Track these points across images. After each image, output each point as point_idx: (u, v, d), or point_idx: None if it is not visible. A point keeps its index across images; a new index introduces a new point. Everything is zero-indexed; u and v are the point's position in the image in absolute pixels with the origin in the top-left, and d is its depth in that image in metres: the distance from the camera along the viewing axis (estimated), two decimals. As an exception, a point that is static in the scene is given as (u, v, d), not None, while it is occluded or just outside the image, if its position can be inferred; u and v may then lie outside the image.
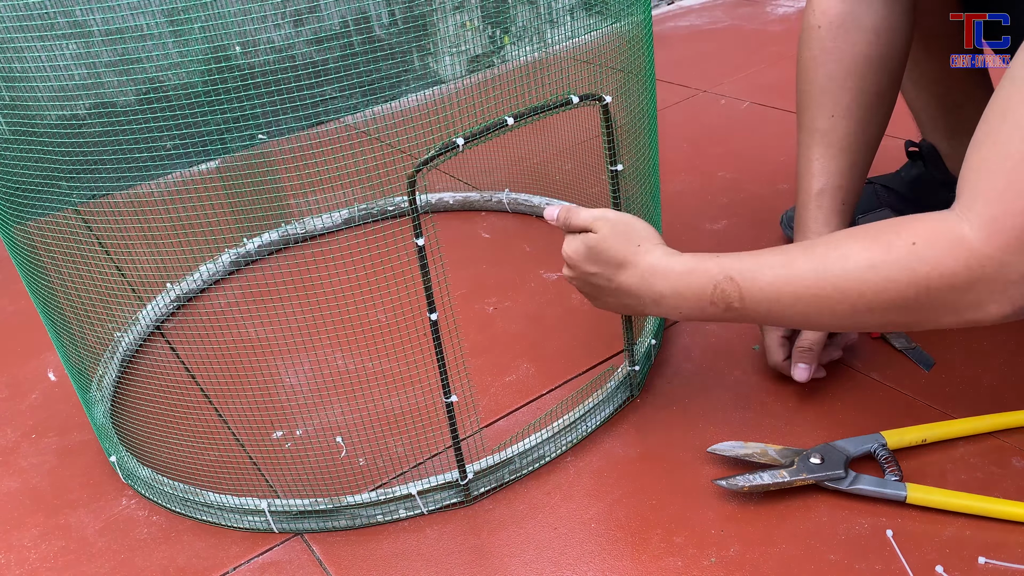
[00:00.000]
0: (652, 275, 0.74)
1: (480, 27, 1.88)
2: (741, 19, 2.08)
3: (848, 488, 0.73)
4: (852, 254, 0.64)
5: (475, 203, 1.34)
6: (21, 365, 1.11)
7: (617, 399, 0.88)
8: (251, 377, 0.90)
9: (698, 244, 1.15)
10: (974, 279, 0.59)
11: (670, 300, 0.74)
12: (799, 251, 0.68)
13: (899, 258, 0.62)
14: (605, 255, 0.76)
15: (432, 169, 0.68)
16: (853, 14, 0.84)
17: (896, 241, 0.62)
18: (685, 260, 0.73)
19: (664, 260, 0.74)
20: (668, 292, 0.74)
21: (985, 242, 0.58)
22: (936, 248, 0.60)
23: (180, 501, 0.82)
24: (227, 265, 1.22)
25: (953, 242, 0.59)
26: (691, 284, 0.72)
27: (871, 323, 0.66)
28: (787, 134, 1.43)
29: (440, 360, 0.73)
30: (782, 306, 0.68)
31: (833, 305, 0.65)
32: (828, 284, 0.65)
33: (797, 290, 0.67)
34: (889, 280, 0.62)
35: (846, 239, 0.66)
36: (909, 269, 0.61)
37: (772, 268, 0.68)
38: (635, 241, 0.76)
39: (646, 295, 0.75)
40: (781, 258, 0.68)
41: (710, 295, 0.71)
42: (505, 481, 0.80)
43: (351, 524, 0.78)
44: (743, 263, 0.70)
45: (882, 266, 0.62)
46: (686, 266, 0.73)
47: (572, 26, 1.98)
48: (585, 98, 0.75)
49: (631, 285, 0.75)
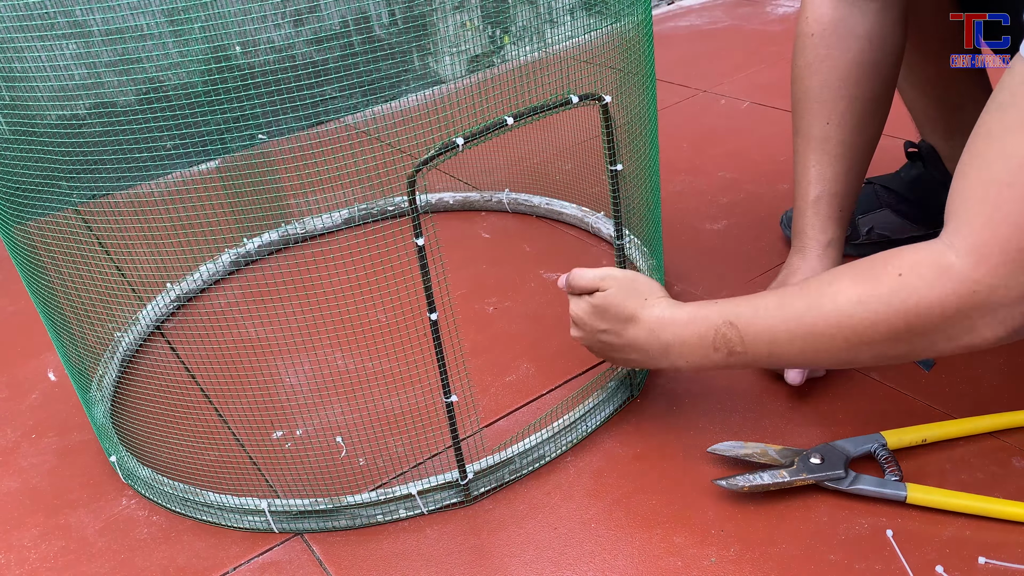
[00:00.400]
0: (659, 327, 0.75)
1: (480, 27, 1.88)
2: (741, 19, 2.08)
3: (848, 488, 0.73)
4: (842, 291, 0.65)
5: (475, 203, 1.34)
6: (21, 365, 1.11)
7: (617, 399, 0.88)
8: (251, 377, 0.90)
9: (698, 244, 1.15)
10: (964, 306, 0.59)
11: (676, 349, 0.75)
12: (794, 292, 0.69)
13: (887, 291, 0.63)
14: (613, 311, 0.77)
15: (432, 169, 0.68)
16: (846, 21, 0.85)
17: (883, 275, 0.63)
18: (688, 309, 0.75)
19: (669, 311, 0.76)
20: (674, 342, 0.75)
21: (973, 268, 0.58)
22: (923, 278, 0.61)
23: (180, 501, 0.82)
24: (227, 265, 1.22)
25: (940, 271, 0.60)
26: (694, 332, 0.74)
27: (868, 357, 0.66)
28: (787, 134, 1.43)
29: (440, 360, 0.73)
30: (780, 346, 0.69)
31: (828, 342, 0.66)
32: (821, 322, 0.66)
33: (793, 330, 0.68)
34: (879, 313, 0.63)
35: (837, 276, 0.67)
36: (898, 301, 0.62)
37: (768, 310, 0.70)
38: (642, 295, 0.77)
39: (654, 347, 0.76)
40: (776, 300, 0.70)
41: (712, 341, 0.72)
42: (505, 481, 0.80)
43: (351, 524, 0.78)
44: (740, 308, 0.72)
45: (870, 300, 0.63)
46: (689, 315, 0.74)
47: (572, 26, 1.98)
48: (585, 98, 0.75)
49: (639, 339, 0.77)
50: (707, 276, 1.08)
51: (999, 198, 0.58)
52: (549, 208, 1.28)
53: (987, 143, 0.60)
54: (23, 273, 0.85)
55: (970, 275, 0.59)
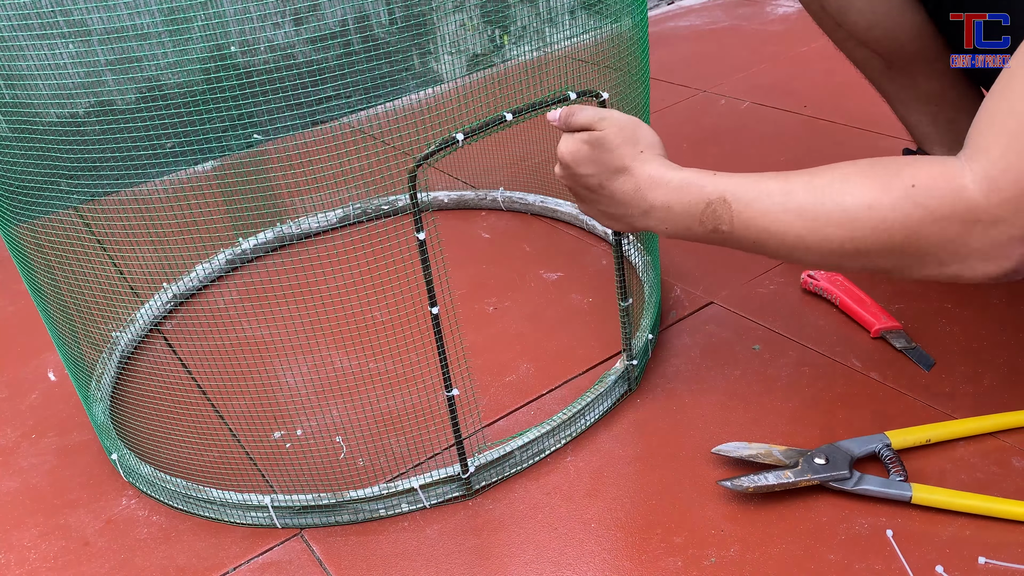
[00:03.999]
0: (648, 186, 0.70)
1: (480, 27, 1.88)
2: (741, 19, 2.08)
3: (853, 488, 0.73)
4: (851, 191, 0.62)
5: (469, 201, 1.34)
6: (21, 365, 1.10)
7: (615, 393, 0.88)
8: (250, 377, 0.90)
9: (698, 244, 1.15)
10: (967, 232, 0.58)
11: (659, 213, 0.70)
12: (801, 182, 0.65)
13: (896, 200, 0.60)
14: (605, 157, 0.71)
15: (431, 165, 0.68)
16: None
17: (895, 182, 0.60)
18: (683, 174, 0.70)
19: (661, 171, 0.70)
20: (658, 204, 0.70)
21: (984, 196, 0.57)
22: (934, 194, 0.59)
23: (182, 498, 0.82)
24: (224, 264, 1.22)
25: (953, 191, 0.58)
26: (682, 199, 0.69)
27: (855, 264, 0.64)
28: (787, 134, 1.43)
29: (441, 354, 0.73)
30: (770, 236, 0.66)
31: (821, 242, 0.63)
32: (823, 219, 0.63)
33: (790, 222, 0.64)
34: (884, 221, 0.61)
35: (849, 175, 0.63)
36: (904, 212, 0.60)
37: (771, 196, 0.65)
38: (638, 147, 0.71)
39: (636, 205, 0.71)
40: (782, 186, 0.65)
41: (700, 213, 0.68)
42: (506, 475, 0.80)
43: (354, 519, 0.78)
44: (742, 186, 0.67)
45: (879, 205, 0.61)
46: (683, 180, 0.69)
47: (573, 26, 1.98)
48: (583, 94, 0.75)
49: (623, 193, 0.71)
50: (706, 276, 1.08)
51: (1019, 131, 0.56)
52: (544, 206, 1.28)
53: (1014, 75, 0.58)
54: (23, 272, 0.85)
55: (979, 202, 0.57)
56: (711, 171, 0.70)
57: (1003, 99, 0.59)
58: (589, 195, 0.74)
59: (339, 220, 1.31)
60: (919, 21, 0.93)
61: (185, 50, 0.96)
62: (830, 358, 0.91)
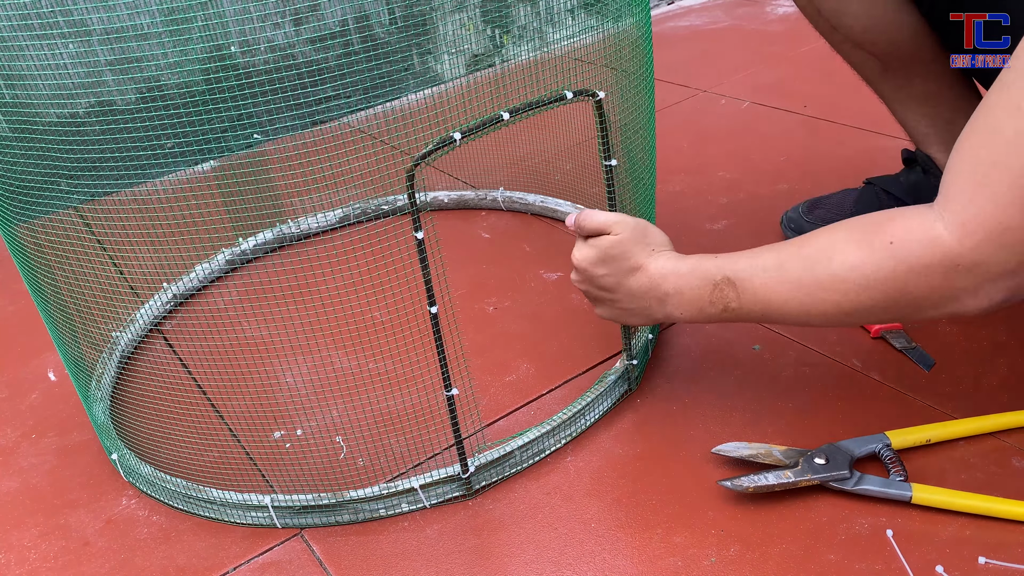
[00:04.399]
0: (661, 278, 0.76)
1: (480, 27, 1.88)
2: (741, 19, 2.08)
3: (853, 488, 0.73)
4: (837, 254, 0.67)
5: (469, 201, 1.34)
6: (21, 365, 1.10)
7: (616, 393, 0.88)
8: (250, 377, 0.90)
9: (698, 244, 1.15)
10: (950, 278, 0.61)
11: (673, 299, 0.76)
12: (792, 252, 0.70)
13: (879, 258, 0.64)
14: (620, 257, 0.77)
15: (429, 164, 0.68)
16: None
17: (876, 241, 0.64)
18: (690, 261, 0.76)
19: (672, 263, 0.76)
20: (672, 291, 0.76)
21: (959, 242, 0.60)
22: (912, 249, 0.62)
23: (182, 498, 0.82)
24: (224, 264, 1.22)
25: (929, 241, 0.61)
26: (691, 284, 0.75)
27: (859, 321, 0.69)
28: (787, 134, 1.43)
29: (440, 353, 0.73)
30: (776, 307, 0.71)
31: (821, 305, 0.68)
32: (816, 285, 0.67)
33: (789, 291, 0.69)
34: (871, 279, 0.64)
35: (834, 240, 0.68)
36: (888, 268, 0.63)
37: (767, 271, 0.71)
38: (650, 247, 0.78)
39: (652, 296, 0.77)
40: (775, 259, 0.71)
41: (709, 295, 0.74)
42: (506, 475, 0.80)
43: (354, 519, 0.78)
44: (739, 264, 0.73)
45: (863, 266, 0.65)
46: (689, 267, 0.75)
47: (572, 26, 1.98)
48: (579, 94, 0.75)
49: (640, 286, 0.77)
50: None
51: (986, 177, 0.59)
52: (544, 206, 1.28)
53: (983, 119, 0.61)
54: (23, 272, 0.85)
55: (955, 248, 0.60)
56: (712, 255, 0.75)
57: (969, 146, 0.61)
58: (606, 295, 0.80)
59: (339, 220, 1.31)
60: (915, 23, 0.93)
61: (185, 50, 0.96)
62: (830, 358, 0.91)
